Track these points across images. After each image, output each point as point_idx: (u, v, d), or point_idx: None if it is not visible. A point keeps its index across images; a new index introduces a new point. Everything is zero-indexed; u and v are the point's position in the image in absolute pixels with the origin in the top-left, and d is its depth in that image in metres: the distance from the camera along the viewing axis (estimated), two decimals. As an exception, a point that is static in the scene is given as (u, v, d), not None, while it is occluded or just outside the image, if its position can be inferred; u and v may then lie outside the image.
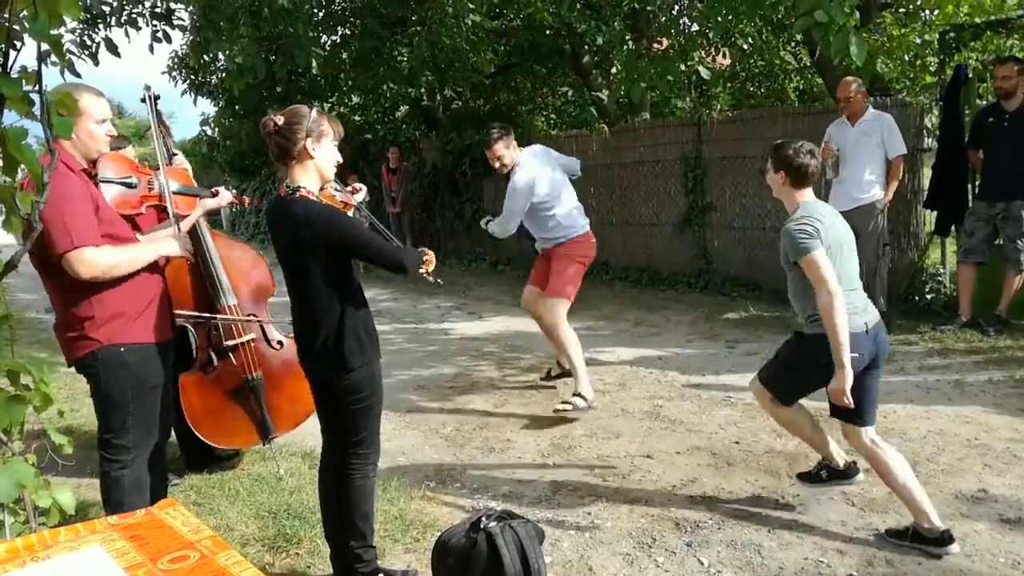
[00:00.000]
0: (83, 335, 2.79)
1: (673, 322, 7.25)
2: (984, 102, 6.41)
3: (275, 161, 2.69)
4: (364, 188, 3.10)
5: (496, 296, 9.08)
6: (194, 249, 3.65)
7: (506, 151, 4.87)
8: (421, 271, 2.88)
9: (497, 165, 4.91)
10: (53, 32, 1.85)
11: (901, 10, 8.64)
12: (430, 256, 2.90)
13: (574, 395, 4.62)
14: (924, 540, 2.99)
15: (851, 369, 2.94)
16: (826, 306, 2.95)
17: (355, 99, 15.12)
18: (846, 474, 3.43)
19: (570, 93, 14.69)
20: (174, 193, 3.54)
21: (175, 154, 3.93)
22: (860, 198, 5.91)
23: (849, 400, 2.97)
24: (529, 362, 6.09)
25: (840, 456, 3.44)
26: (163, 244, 3.06)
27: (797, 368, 3.25)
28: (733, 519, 3.34)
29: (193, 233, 3.66)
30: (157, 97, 3.86)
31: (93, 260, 2.70)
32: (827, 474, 3.45)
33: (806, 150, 3.18)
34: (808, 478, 3.49)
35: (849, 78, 5.99)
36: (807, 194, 3.23)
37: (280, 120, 2.61)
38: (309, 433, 3.78)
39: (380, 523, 3.31)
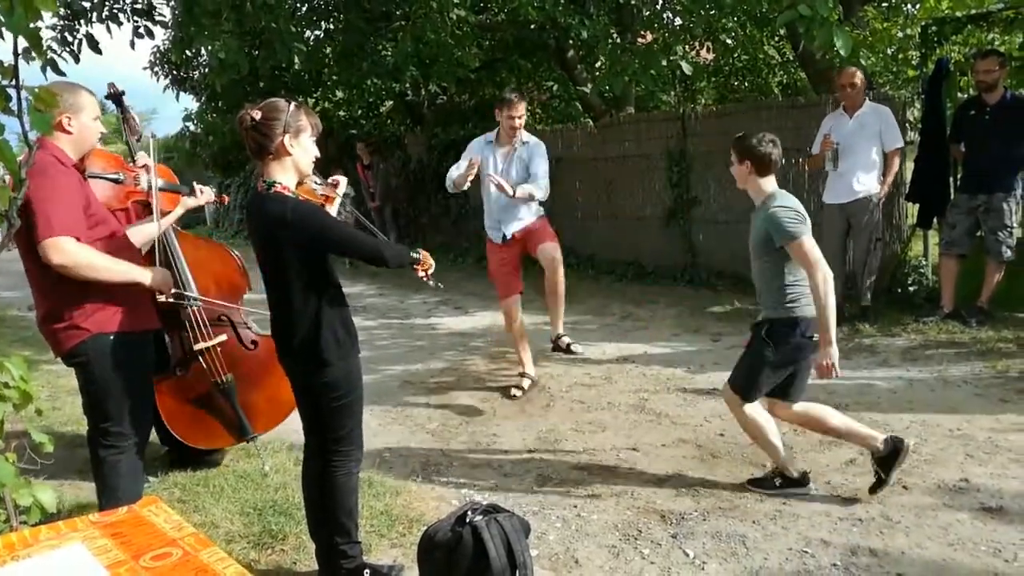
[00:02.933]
0: (73, 325, 2.83)
1: (659, 316, 7.26)
2: (965, 95, 6.46)
3: (252, 156, 2.67)
4: (344, 179, 3.07)
5: (483, 291, 9.06)
6: (158, 251, 3.60)
7: (524, 114, 4.99)
8: (420, 275, 2.90)
9: (516, 124, 4.92)
10: (31, 26, 1.84)
11: (883, 4, 8.69)
12: (426, 259, 2.90)
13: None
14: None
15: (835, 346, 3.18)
16: (821, 286, 3.12)
17: (339, 94, 15.05)
18: (800, 482, 3.47)
19: (555, 88, 14.66)
20: (159, 190, 3.51)
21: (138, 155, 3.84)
22: (858, 191, 5.93)
23: (838, 370, 3.17)
24: (516, 356, 6.08)
25: (794, 466, 3.50)
26: (144, 273, 3.01)
27: (765, 359, 3.33)
28: (718, 510, 3.36)
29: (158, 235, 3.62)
30: (122, 93, 3.80)
31: (68, 250, 2.70)
32: (780, 482, 3.48)
33: (768, 139, 3.32)
34: (760, 483, 3.54)
35: (852, 68, 5.97)
36: (772, 182, 3.36)
37: (257, 115, 2.56)
38: (294, 429, 3.76)
39: (366, 518, 3.31)
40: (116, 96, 3.80)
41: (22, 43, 1.81)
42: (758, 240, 3.33)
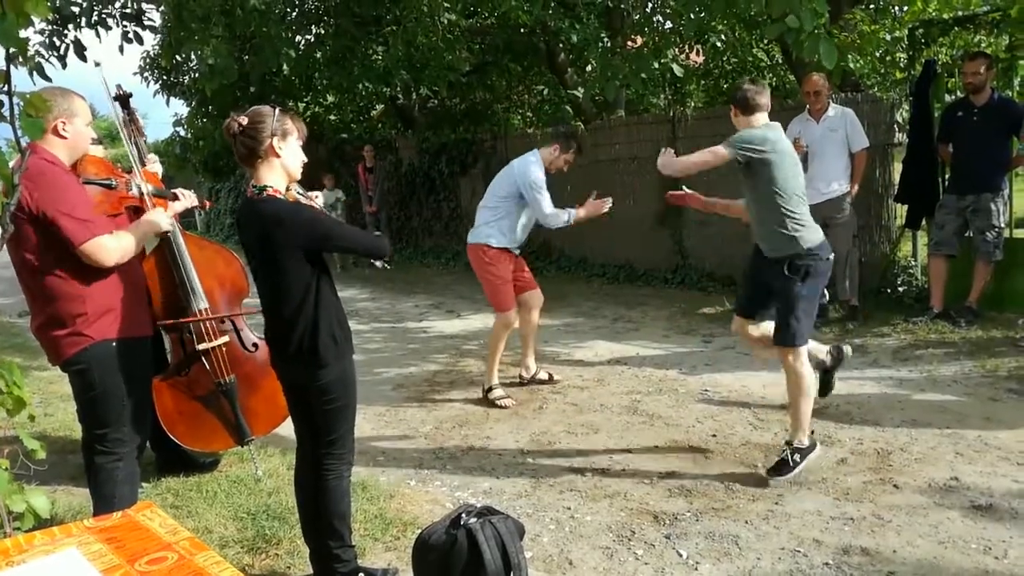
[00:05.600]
0: (75, 332, 2.84)
1: (650, 317, 7.29)
2: (953, 97, 6.51)
3: (241, 162, 2.67)
4: (321, 196, 3.06)
5: (473, 294, 9.07)
6: (165, 251, 3.64)
7: None
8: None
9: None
10: (22, 34, 1.84)
11: (871, 6, 8.74)
12: None
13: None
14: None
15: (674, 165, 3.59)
16: (706, 157, 3.48)
17: (330, 98, 15.05)
18: (812, 446, 3.63)
19: (546, 91, 14.70)
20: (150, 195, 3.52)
21: (148, 157, 3.90)
22: (828, 192, 6.00)
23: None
24: (508, 359, 6.09)
25: (807, 428, 3.64)
26: (152, 221, 3.12)
27: (798, 294, 3.48)
28: (711, 511, 3.37)
29: (164, 235, 3.64)
30: (129, 95, 3.80)
31: (112, 247, 2.84)
32: (798, 458, 3.56)
33: (746, 80, 3.70)
34: (780, 469, 3.57)
35: (815, 75, 6.07)
36: (761, 118, 3.58)
37: (244, 120, 2.59)
38: (287, 434, 3.76)
39: (360, 522, 3.31)
40: (123, 98, 3.81)
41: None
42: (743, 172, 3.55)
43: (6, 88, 1.79)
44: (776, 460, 3.63)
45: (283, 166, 2.65)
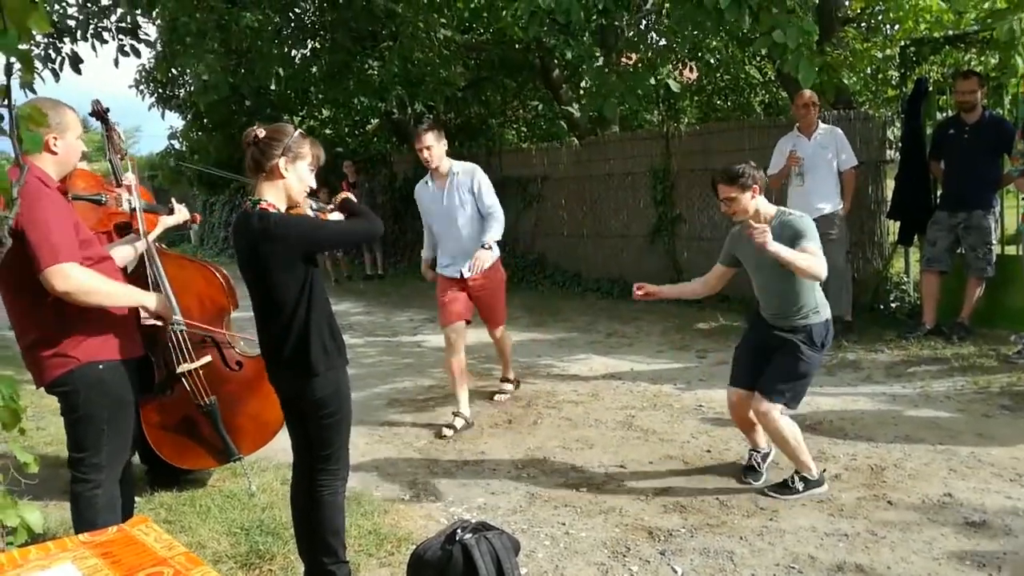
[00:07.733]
0: (62, 354, 2.73)
1: (644, 333, 7.30)
2: (944, 114, 6.57)
3: (248, 172, 2.69)
4: (336, 213, 3.05)
5: (468, 309, 9.08)
6: (143, 272, 3.56)
7: (436, 143, 4.79)
8: None
9: (425, 155, 4.78)
10: (23, 47, 1.84)
11: (863, 25, 8.84)
12: None
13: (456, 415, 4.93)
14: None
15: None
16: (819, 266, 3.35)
17: (325, 112, 15.09)
18: (819, 482, 3.60)
19: (540, 107, 14.76)
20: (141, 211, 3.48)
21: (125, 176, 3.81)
22: (822, 208, 6.03)
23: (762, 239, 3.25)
24: (494, 371, 6.08)
25: (812, 464, 3.60)
26: (145, 296, 2.98)
27: (813, 364, 3.53)
28: (706, 527, 3.37)
29: (142, 256, 3.53)
30: (106, 110, 3.73)
31: (73, 276, 2.62)
32: (803, 485, 3.58)
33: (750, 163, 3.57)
34: (781, 489, 3.61)
35: (807, 90, 6.11)
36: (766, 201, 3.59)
37: (262, 133, 2.63)
38: (281, 448, 3.75)
39: (354, 538, 3.30)
40: (101, 114, 3.70)
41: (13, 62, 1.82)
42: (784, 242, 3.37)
43: (6, 102, 1.80)
44: (782, 480, 3.65)
45: (285, 187, 2.67)
